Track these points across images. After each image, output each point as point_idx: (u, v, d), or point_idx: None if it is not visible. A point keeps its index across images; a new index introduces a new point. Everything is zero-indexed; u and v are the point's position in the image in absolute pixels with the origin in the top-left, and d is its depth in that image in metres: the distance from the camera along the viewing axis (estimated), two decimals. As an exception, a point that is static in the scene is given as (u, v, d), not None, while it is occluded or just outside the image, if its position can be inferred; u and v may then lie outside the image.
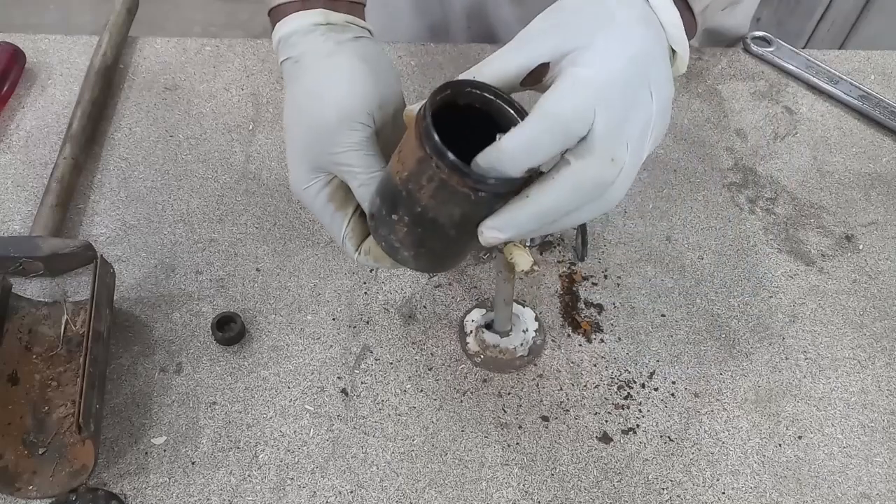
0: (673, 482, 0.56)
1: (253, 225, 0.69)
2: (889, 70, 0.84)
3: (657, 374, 0.61)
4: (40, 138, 0.74)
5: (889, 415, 0.60)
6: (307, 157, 0.49)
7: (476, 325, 0.62)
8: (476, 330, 0.61)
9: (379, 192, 0.45)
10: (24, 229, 0.67)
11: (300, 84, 0.50)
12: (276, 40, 0.53)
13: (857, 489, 0.56)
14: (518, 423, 0.58)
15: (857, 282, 0.67)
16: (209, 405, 0.58)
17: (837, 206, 0.73)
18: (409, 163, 0.41)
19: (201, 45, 0.82)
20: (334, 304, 0.64)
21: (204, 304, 0.63)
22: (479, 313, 0.62)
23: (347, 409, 0.59)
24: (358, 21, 0.53)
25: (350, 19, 0.53)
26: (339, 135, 0.47)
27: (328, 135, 0.48)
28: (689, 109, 0.80)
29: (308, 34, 0.51)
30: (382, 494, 0.55)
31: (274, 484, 0.55)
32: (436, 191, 0.40)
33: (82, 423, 0.50)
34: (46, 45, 0.81)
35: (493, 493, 0.55)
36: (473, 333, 0.61)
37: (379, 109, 0.49)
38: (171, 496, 0.54)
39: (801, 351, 0.63)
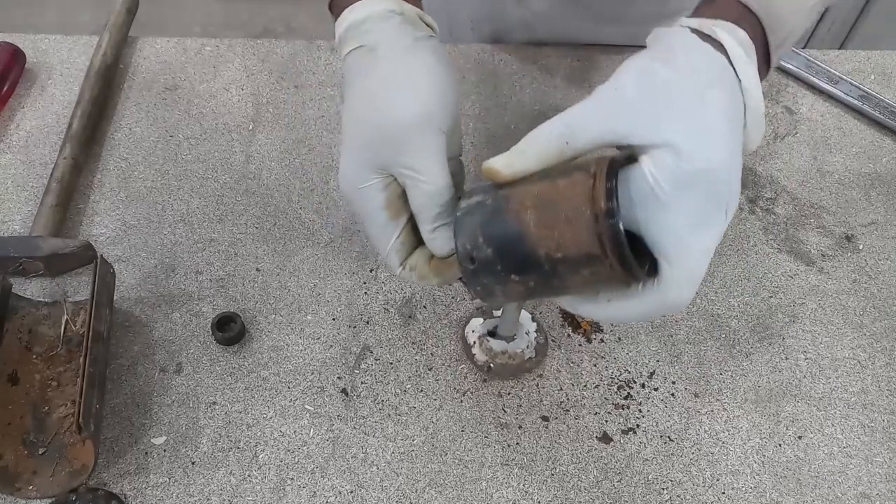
0: (673, 482, 0.56)
1: (253, 225, 0.69)
2: (889, 70, 0.84)
3: (657, 374, 0.61)
4: (40, 138, 0.74)
5: (889, 415, 0.60)
6: (370, 153, 0.46)
7: (478, 334, 0.61)
8: (480, 340, 0.61)
9: (497, 246, 0.41)
10: (24, 229, 0.67)
11: (376, 74, 0.46)
12: (345, 27, 0.49)
13: (857, 489, 0.56)
14: (518, 423, 0.58)
15: (857, 282, 0.67)
16: (209, 405, 0.58)
17: (837, 206, 0.73)
18: (570, 248, 0.39)
19: (201, 45, 0.82)
20: (334, 304, 0.64)
21: (204, 304, 0.63)
22: (478, 322, 0.62)
23: (347, 409, 0.59)
24: (426, 17, 0.50)
25: (420, 13, 0.50)
26: (415, 135, 0.45)
27: (403, 133, 0.45)
28: (689, 109, 0.80)
29: (384, 21, 0.47)
30: (382, 494, 0.55)
31: (274, 484, 0.55)
32: (591, 275, 0.39)
33: (82, 423, 0.50)
34: (46, 45, 0.81)
35: (493, 493, 0.55)
36: (478, 343, 0.61)
37: (451, 118, 0.46)
38: (171, 496, 0.54)
39: (801, 351, 0.63)
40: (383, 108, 0.45)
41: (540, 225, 0.39)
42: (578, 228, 0.38)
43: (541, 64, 0.82)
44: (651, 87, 0.41)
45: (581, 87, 0.80)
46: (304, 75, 0.80)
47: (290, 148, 0.74)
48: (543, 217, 0.39)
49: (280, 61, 0.81)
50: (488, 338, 0.60)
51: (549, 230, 0.39)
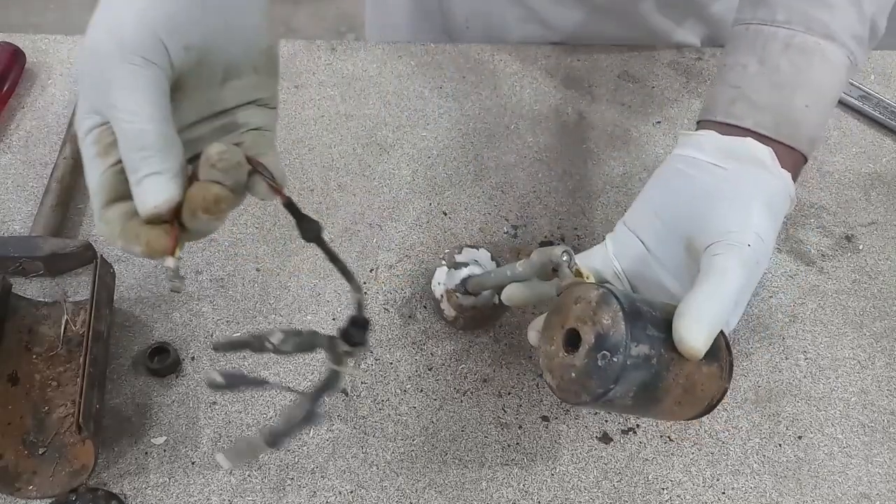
0: (673, 482, 0.56)
1: (253, 225, 0.68)
2: (889, 70, 0.84)
3: (657, 374, 0.61)
4: (40, 138, 0.74)
5: (889, 415, 0.60)
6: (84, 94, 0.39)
7: (445, 288, 0.61)
8: (447, 294, 0.60)
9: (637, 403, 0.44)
10: (24, 229, 0.67)
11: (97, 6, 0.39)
12: None
13: (857, 489, 0.56)
14: (518, 423, 0.58)
15: (857, 282, 0.67)
16: (209, 405, 0.58)
17: (837, 206, 0.73)
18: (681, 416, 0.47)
19: (201, 45, 0.82)
20: (334, 304, 0.64)
21: (204, 304, 0.63)
22: (443, 272, 0.61)
23: (347, 409, 0.58)
24: None
25: None
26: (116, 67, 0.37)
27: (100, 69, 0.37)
28: (690, 109, 0.80)
29: None
30: (382, 494, 0.55)
31: (274, 484, 0.55)
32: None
33: (82, 423, 0.50)
34: (46, 45, 0.81)
35: (493, 493, 0.55)
36: (445, 298, 0.60)
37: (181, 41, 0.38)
38: (171, 496, 0.54)
39: (801, 351, 0.63)
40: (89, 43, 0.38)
41: (676, 402, 0.45)
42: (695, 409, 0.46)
43: (541, 64, 0.82)
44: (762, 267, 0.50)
45: (581, 86, 0.80)
46: (304, 75, 0.80)
47: (290, 148, 0.74)
48: (683, 397, 0.45)
49: (280, 61, 0.81)
50: (457, 294, 0.60)
51: (679, 406, 0.45)
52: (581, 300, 0.45)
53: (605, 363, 0.42)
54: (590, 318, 0.43)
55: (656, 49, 0.84)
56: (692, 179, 0.51)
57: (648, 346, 0.42)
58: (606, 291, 0.44)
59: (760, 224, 0.47)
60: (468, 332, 0.62)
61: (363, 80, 0.80)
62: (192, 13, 0.39)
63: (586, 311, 0.44)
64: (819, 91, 0.52)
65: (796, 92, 0.51)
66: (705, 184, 0.50)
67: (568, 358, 0.44)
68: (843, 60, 0.53)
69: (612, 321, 0.42)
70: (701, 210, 0.49)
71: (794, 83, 0.52)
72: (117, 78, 0.37)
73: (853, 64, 0.53)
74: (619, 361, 0.41)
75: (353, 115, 0.77)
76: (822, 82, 0.52)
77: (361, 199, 0.71)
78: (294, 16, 2.30)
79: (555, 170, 0.74)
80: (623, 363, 0.41)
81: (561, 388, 0.45)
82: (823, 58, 0.52)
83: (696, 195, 0.50)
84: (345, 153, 0.74)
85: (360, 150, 0.74)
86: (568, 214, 0.70)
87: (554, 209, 0.71)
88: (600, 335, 0.43)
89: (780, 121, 0.51)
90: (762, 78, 0.52)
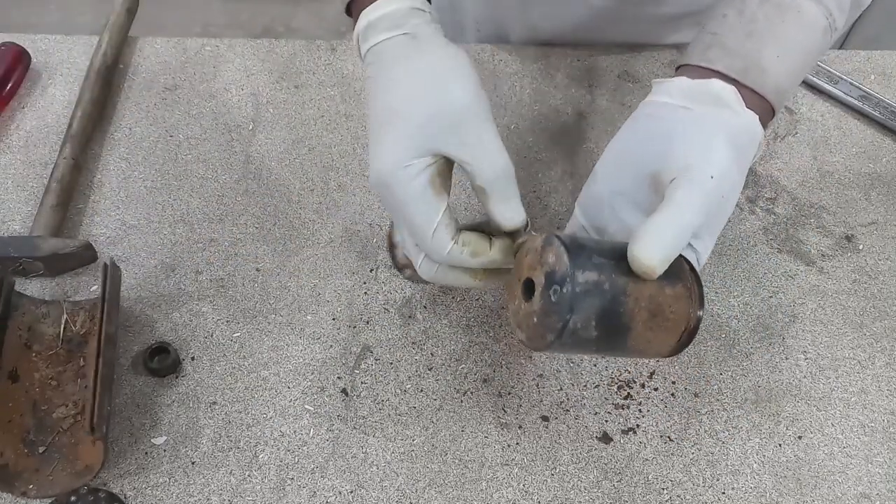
0: (673, 482, 0.56)
1: (253, 225, 0.69)
2: (889, 70, 0.84)
3: (657, 374, 0.61)
4: (40, 138, 0.74)
5: (889, 415, 0.60)
6: (425, 135, 0.46)
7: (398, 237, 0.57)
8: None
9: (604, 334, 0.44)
10: (24, 229, 0.67)
11: (424, 60, 0.48)
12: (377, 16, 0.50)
13: (857, 489, 0.56)
14: (518, 423, 0.58)
15: (857, 282, 0.67)
16: (209, 405, 0.58)
17: (837, 206, 0.73)
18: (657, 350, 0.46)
19: (201, 45, 0.82)
20: (334, 304, 0.64)
21: (204, 304, 0.63)
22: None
23: (347, 409, 0.59)
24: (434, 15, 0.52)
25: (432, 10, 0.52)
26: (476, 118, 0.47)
27: (466, 114, 0.47)
28: (689, 109, 0.80)
29: (416, 16, 0.49)
30: (382, 494, 0.55)
31: (274, 484, 0.55)
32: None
33: (96, 425, 0.50)
34: (47, 44, 0.81)
35: (493, 493, 0.55)
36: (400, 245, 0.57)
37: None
38: (172, 496, 0.54)
39: (801, 351, 0.63)
40: (443, 92, 0.47)
41: (647, 327, 0.45)
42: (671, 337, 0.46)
43: (541, 64, 0.82)
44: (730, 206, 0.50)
45: (581, 86, 0.80)
46: (304, 75, 0.80)
47: (290, 148, 0.74)
48: (651, 321, 0.44)
49: (280, 61, 0.81)
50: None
51: (652, 332, 0.45)
52: (529, 251, 0.47)
53: (558, 296, 0.43)
54: (538, 263, 0.45)
55: (656, 49, 0.84)
56: (658, 122, 0.52)
57: (597, 272, 0.43)
58: (549, 235, 0.45)
59: (722, 158, 0.48)
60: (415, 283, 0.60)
61: (363, 81, 0.80)
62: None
63: (534, 258, 0.46)
64: (790, 45, 0.53)
65: (767, 42, 0.52)
66: (669, 124, 0.51)
67: (527, 305, 0.46)
68: (819, 20, 0.53)
69: (555, 258, 0.44)
70: (664, 149, 0.49)
71: (766, 33, 0.52)
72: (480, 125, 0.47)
73: (830, 26, 0.54)
74: (569, 290, 0.43)
75: (353, 115, 0.77)
76: (794, 37, 0.53)
77: (361, 199, 0.71)
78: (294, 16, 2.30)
79: (555, 170, 0.74)
80: (572, 290, 0.42)
81: (530, 338, 0.46)
82: (799, 13, 0.53)
83: (661, 136, 0.50)
84: (345, 153, 0.74)
85: (360, 150, 0.74)
86: (568, 214, 0.70)
87: (554, 209, 0.71)
88: (548, 274, 0.44)
89: (748, 65, 0.51)
90: (738, 27, 0.53)
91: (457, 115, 0.47)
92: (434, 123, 0.46)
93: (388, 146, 0.47)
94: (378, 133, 0.48)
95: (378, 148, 0.47)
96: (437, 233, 0.47)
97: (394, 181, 0.47)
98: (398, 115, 0.47)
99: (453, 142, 0.46)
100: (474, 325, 0.63)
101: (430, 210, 0.47)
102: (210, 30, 2.27)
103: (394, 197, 0.47)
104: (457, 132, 0.46)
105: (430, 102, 0.47)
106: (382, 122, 0.48)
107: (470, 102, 0.47)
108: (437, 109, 0.47)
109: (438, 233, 0.47)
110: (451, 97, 0.47)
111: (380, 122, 0.48)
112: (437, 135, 0.46)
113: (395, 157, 0.47)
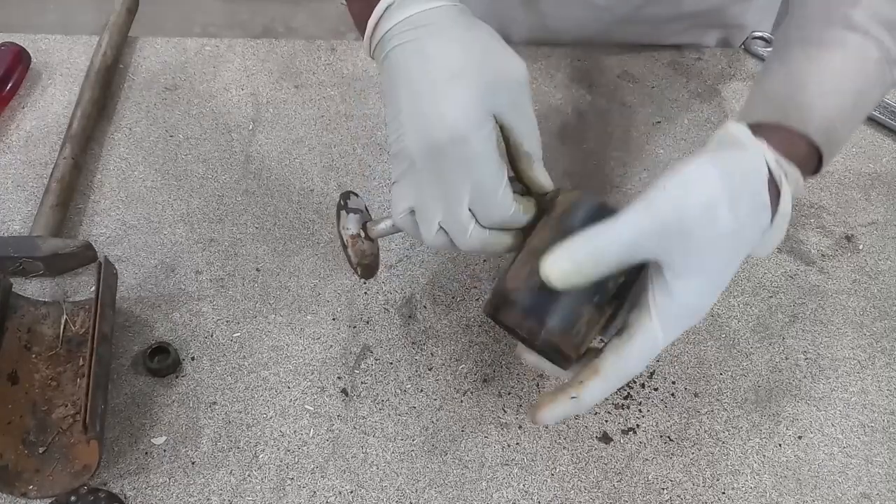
0: (673, 482, 0.56)
1: (253, 225, 0.68)
2: (889, 70, 0.84)
3: (657, 374, 0.61)
4: (40, 138, 0.74)
5: (889, 415, 0.60)
6: (490, 97, 0.47)
7: (350, 233, 0.54)
8: (353, 240, 0.54)
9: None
10: (24, 229, 0.67)
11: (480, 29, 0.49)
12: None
13: (857, 489, 0.56)
14: (518, 423, 0.58)
15: (857, 282, 0.67)
16: (209, 405, 0.58)
17: (837, 206, 0.73)
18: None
19: (201, 45, 0.83)
20: (334, 304, 0.64)
21: (204, 304, 0.63)
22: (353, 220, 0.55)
23: (347, 409, 0.59)
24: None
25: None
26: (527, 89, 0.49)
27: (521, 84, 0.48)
28: (689, 109, 0.80)
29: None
30: (382, 494, 0.55)
31: (274, 484, 0.55)
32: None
33: (89, 424, 0.50)
34: (47, 44, 0.81)
35: (493, 493, 0.55)
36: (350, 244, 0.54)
37: None
38: (172, 496, 0.54)
39: (801, 351, 0.63)
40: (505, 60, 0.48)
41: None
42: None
43: (541, 64, 0.82)
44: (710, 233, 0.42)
45: (581, 86, 0.80)
46: (304, 75, 0.80)
47: (290, 148, 0.74)
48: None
49: (280, 61, 0.81)
50: (362, 239, 0.54)
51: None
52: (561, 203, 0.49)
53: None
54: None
55: (656, 49, 0.84)
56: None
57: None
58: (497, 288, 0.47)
59: (693, 173, 0.43)
60: (366, 279, 0.58)
61: (363, 80, 0.80)
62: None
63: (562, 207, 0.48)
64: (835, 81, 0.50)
65: (808, 81, 0.50)
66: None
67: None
68: (868, 52, 0.50)
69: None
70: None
71: (806, 73, 0.50)
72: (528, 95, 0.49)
73: (886, 57, 0.51)
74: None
75: (353, 115, 0.77)
76: (840, 72, 0.50)
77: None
78: (294, 16, 2.30)
79: (555, 170, 0.73)
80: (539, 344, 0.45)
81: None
82: (843, 48, 0.50)
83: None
84: (345, 153, 0.74)
85: (360, 150, 0.74)
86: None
87: (554, 209, 0.71)
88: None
89: (788, 107, 0.49)
90: (779, 73, 0.52)
91: (517, 84, 0.48)
92: (499, 89, 0.47)
93: (458, 104, 0.46)
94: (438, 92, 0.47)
95: (444, 105, 0.46)
96: (504, 193, 0.47)
97: (473, 136, 0.46)
98: (463, 76, 0.47)
99: (513, 109, 0.48)
100: (474, 325, 0.63)
101: (502, 168, 0.48)
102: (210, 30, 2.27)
103: (464, 156, 0.47)
104: (515, 101, 0.48)
105: (494, 69, 0.48)
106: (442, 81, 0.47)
107: (523, 73, 0.49)
108: (502, 77, 0.48)
109: (506, 191, 0.48)
110: (511, 66, 0.48)
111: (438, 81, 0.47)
112: (501, 100, 0.47)
113: (469, 114, 0.46)
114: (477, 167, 0.47)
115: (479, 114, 0.47)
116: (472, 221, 0.48)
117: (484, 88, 0.47)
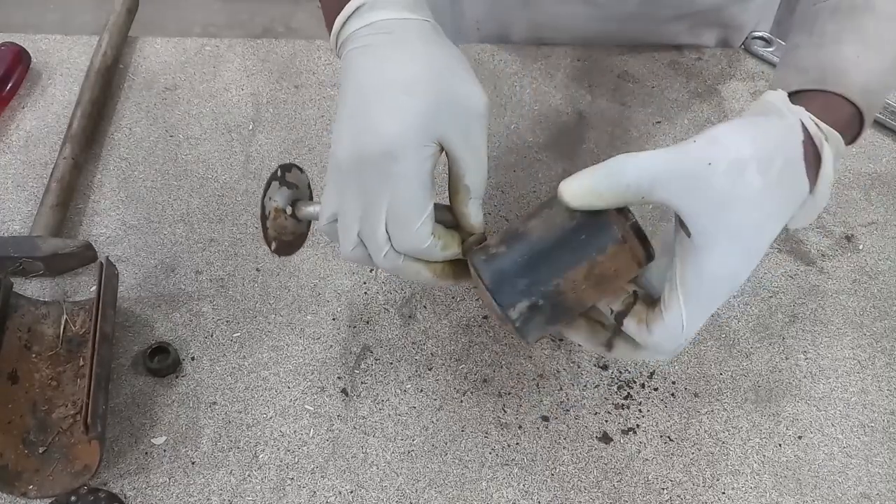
0: (673, 482, 0.56)
1: (253, 225, 0.68)
2: (889, 70, 0.84)
3: (657, 374, 0.61)
4: (40, 138, 0.74)
5: (889, 415, 0.60)
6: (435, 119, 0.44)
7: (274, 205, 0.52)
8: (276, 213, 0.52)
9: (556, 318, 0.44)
10: (24, 229, 0.67)
11: (443, 49, 0.46)
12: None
13: (857, 489, 0.56)
14: (518, 423, 0.58)
15: (857, 282, 0.67)
16: (209, 405, 0.58)
17: (837, 206, 0.73)
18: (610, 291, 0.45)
19: (201, 45, 0.83)
20: (334, 304, 0.64)
21: (204, 304, 0.63)
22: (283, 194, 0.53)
23: (347, 409, 0.59)
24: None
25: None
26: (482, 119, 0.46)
27: (476, 113, 0.46)
28: (690, 109, 0.80)
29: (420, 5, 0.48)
30: (382, 494, 0.55)
31: (274, 484, 0.55)
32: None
33: (90, 424, 0.50)
34: (47, 45, 0.81)
35: (493, 493, 0.55)
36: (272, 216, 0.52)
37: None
38: (172, 496, 0.54)
39: (801, 351, 0.63)
40: (461, 84, 0.45)
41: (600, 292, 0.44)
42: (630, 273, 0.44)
43: (541, 64, 0.82)
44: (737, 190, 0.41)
45: (581, 86, 0.80)
46: (304, 75, 0.80)
47: (290, 148, 0.74)
48: (601, 287, 0.43)
49: (280, 61, 0.81)
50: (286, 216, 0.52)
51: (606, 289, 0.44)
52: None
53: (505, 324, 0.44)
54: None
55: (656, 49, 0.84)
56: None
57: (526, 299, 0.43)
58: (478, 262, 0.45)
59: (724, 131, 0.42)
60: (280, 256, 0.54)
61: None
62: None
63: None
64: (870, 42, 0.49)
65: (842, 46, 0.49)
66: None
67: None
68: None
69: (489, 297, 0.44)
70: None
71: (840, 38, 0.49)
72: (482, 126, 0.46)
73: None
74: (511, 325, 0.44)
75: (353, 115, 0.77)
76: (875, 34, 0.49)
77: (361, 199, 0.70)
78: (294, 16, 2.30)
79: (555, 170, 0.74)
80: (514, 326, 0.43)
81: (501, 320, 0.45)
82: (874, 11, 0.49)
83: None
84: (345, 153, 0.74)
85: (360, 150, 0.74)
86: (568, 214, 0.70)
87: (554, 209, 0.71)
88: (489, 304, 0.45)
89: (825, 72, 0.48)
90: (809, 45, 0.50)
91: (472, 113, 0.45)
92: (449, 114, 0.44)
93: (398, 119, 0.44)
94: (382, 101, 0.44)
95: (384, 116, 0.44)
96: (423, 224, 0.45)
97: (404, 155, 0.43)
98: (413, 92, 0.44)
99: (460, 138, 0.45)
100: (474, 325, 0.63)
101: (426, 198, 0.45)
102: (210, 30, 2.27)
103: (389, 173, 0.44)
104: (466, 130, 0.45)
105: (450, 93, 0.45)
106: (390, 91, 0.44)
107: (483, 105, 0.46)
108: (456, 102, 0.45)
109: (425, 225, 0.45)
110: (470, 93, 0.45)
111: (385, 91, 0.44)
112: (449, 126, 0.44)
113: (407, 132, 0.43)
114: (398, 189, 0.44)
115: (418, 135, 0.44)
116: (389, 244, 0.46)
117: (434, 110, 0.44)
